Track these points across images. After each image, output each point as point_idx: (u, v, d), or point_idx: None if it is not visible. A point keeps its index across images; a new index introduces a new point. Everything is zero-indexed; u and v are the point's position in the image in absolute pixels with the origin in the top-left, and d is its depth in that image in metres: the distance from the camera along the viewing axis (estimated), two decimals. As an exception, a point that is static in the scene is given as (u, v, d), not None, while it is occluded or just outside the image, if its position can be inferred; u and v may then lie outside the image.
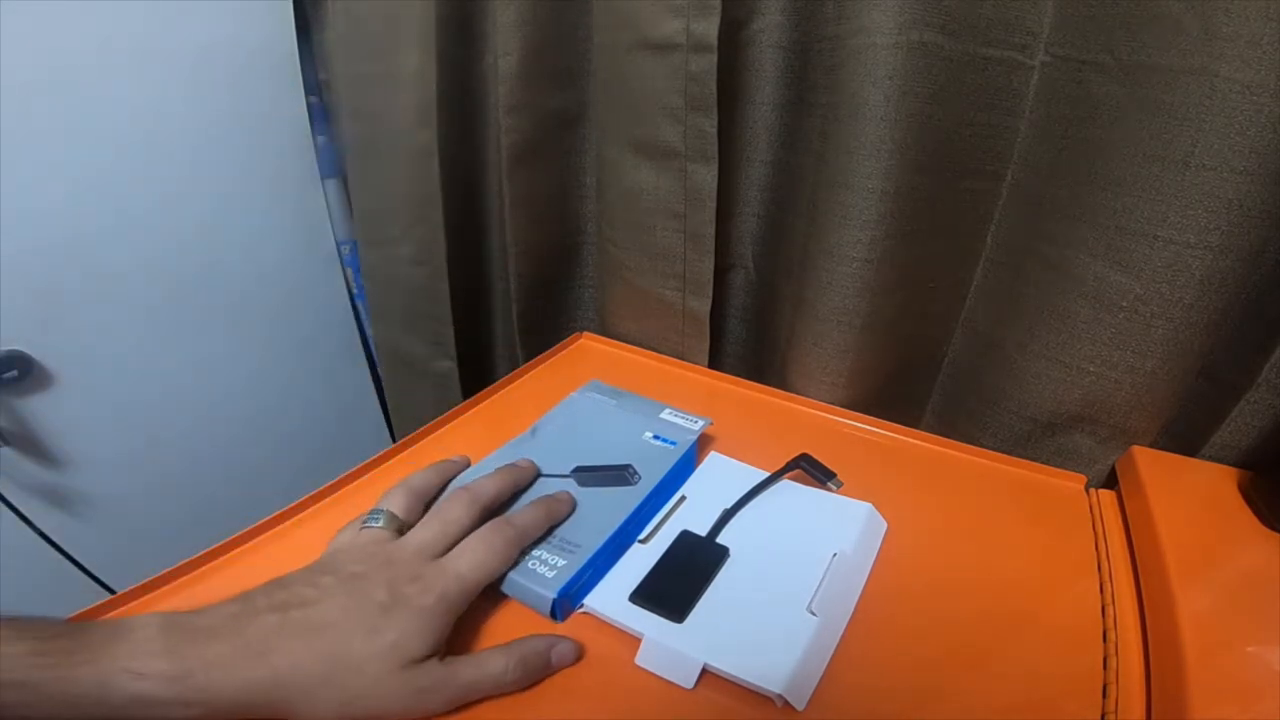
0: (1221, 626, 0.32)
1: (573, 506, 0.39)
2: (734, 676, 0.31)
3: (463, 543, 0.34)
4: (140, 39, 0.62)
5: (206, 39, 0.66)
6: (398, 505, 0.36)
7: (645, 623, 0.34)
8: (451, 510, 0.35)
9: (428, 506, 0.37)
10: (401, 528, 0.35)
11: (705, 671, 0.32)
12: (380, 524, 0.34)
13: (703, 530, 0.40)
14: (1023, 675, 0.33)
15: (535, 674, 0.31)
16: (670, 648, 0.32)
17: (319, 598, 0.29)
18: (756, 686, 0.31)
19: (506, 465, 0.41)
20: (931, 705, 0.32)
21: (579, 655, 0.33)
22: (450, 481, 0.40)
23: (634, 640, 0.33)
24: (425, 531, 0.34)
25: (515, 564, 0.35)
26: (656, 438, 0.45)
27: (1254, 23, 0.34)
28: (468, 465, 0.42)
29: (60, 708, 0.24)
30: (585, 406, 0.49)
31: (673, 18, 0.48)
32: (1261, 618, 0.32)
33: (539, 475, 0.41)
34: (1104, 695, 0.31)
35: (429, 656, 0.29)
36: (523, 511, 0.37)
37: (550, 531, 0.37)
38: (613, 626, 0.34)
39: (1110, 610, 0.36)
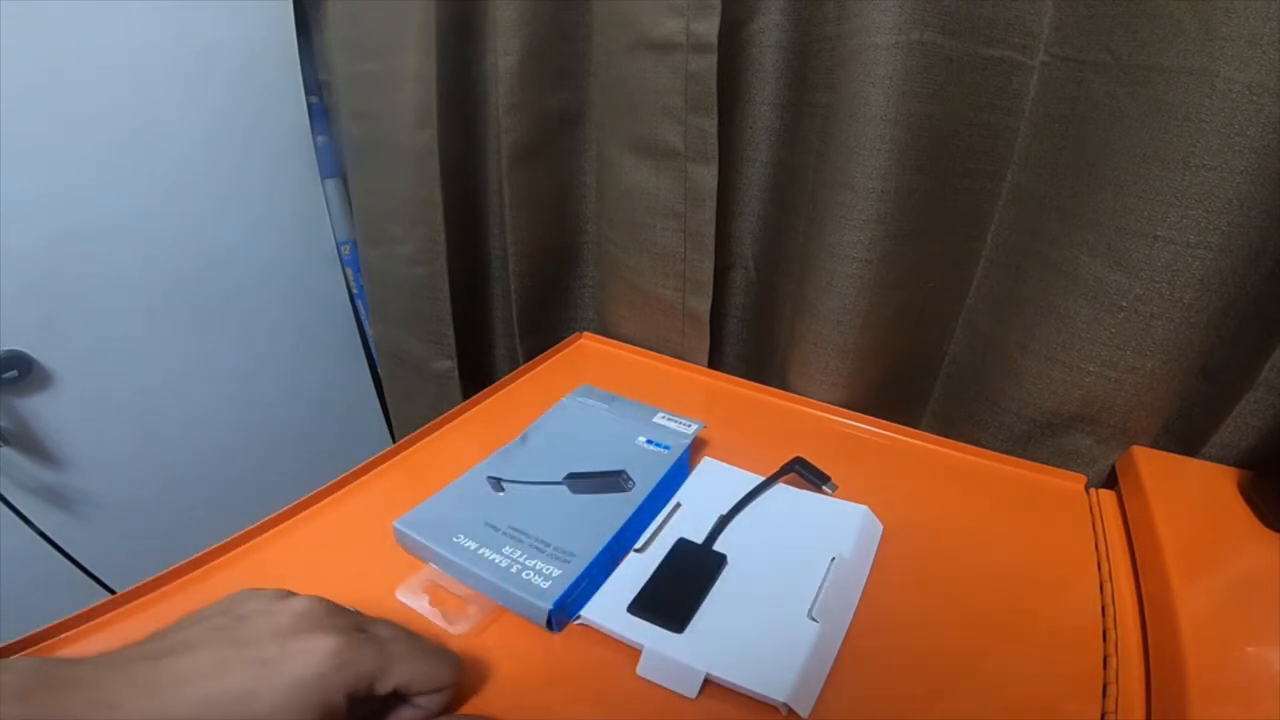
0: (1221, 626, 0.32)
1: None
2: (738, 686, 0.31)
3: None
4: (140, 39, 0.63)
5: (206, 39, 0.66)
6: None
7: (645, 634, 0.33)
8: (351, 611, 0.30)
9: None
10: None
11: (708, 681, 0.32)
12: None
13: (699, 537, 0.39)
14: (1023, 675, 0.33)
15: None
16: (671, 658, 0.32)
17: (192, 642, 0.26)
18: (761, 695, 0.31)
19: None
20: (933, 706, 0.32)
21: None
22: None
23: (634, 651, 0.33)
24: (313, 602, 0.29)
25: (509, 574, 0.35)
26: (650, 442, 0.45)
27: (1254, 23, 0.33)
28: None
29: None
30: (577, 411, 0.49)
31: (673, 18, 0.48)
32: (1261, 618, 0.32)
33: None
34: (1104, 695, 0.31)
35: None
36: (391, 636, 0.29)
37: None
38: (611, 638, 0.34)
39: (1110, 610, 0.36)
